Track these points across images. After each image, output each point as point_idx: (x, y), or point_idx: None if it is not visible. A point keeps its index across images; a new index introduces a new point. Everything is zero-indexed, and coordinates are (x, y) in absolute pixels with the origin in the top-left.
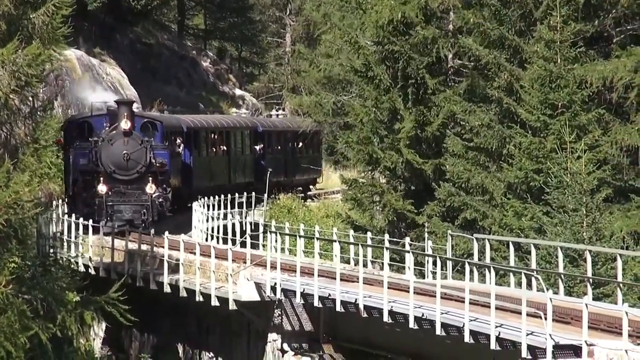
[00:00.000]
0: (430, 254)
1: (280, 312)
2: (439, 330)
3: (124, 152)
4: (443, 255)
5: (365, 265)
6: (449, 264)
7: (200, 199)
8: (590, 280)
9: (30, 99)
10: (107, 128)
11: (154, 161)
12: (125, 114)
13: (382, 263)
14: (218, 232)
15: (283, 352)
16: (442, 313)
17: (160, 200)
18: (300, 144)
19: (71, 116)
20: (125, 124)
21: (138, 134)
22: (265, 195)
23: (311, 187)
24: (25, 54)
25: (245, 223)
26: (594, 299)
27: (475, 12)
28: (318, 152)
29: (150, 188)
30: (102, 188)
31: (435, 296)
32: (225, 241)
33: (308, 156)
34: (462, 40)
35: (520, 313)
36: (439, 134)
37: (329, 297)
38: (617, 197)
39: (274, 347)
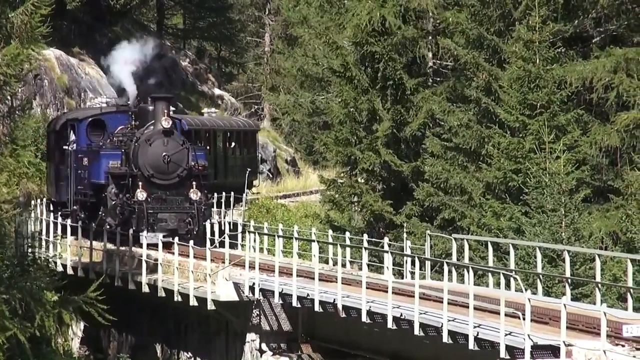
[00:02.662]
0: (408, 254)
1: (258, 312)
2: (417, 331)
3: (164, 153)
4: (421, 255)
5: (343, 266)
6: (428, 264)
7: None
8: (569, 280)
9: (9, 98)
10: (130, 126)
11: (195, 163)
12: (165, 110)
13: (361, 263)
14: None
15: (261, 352)
16: (421, 313)
17: (204, 207)
18: (233, 143)
19: (64, 113)
20: (165, 122)
21: (178, 133)
22: (245, 195)
23: (247, 191)
24: (3, 54)
25: (224, 223)
26: (572, 299)
27: (455, 12)
28: (254, 153)
29: (194, 194)
30: (141, 194)
31: (413, 296)
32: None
33: (242, 157)
34: (441, 41)
35: (498, 313)
36: (418, 134)
37: (308, 297)
38: (596, 198)
39: (253, 347)
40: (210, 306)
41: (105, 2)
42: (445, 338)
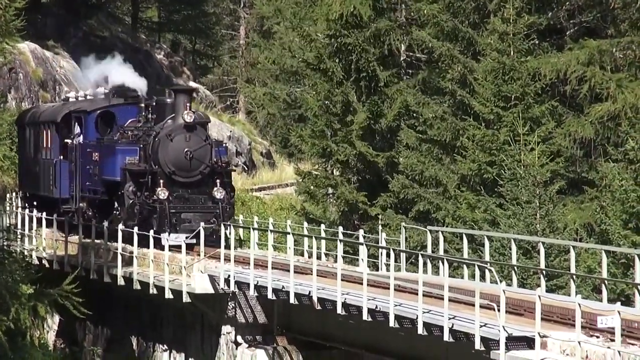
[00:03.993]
0: (383, 246)
1: (234, 305)
2: (392, 322)
3: (186, 149)
4: (396, 247)
5: (319, 258)
6: (403, 256)
7: None
8: (544, 272)
9: None
10: (143, 119)
11: (217, 160)
12: (187, 104)
13: (336, 255)
14: None
15: (237, 344)
16: (396, 305)
17: (229, 207)
18: None
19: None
20: (187, 116)
21: (200, 128)
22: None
23: None
24: None
25: None
26: (547, 291)
27: (428, 3)
28: None
29: (218, 192)
30: (162, 193)
31: (388, 288)
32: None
33: None
34: (415, 33)
35: (473, 305)
36: (393, 126)
37: (283, 289)
38: (571, 189)
39: (228, 339)
40: (186, 299)
41: None
42: (421, 330)
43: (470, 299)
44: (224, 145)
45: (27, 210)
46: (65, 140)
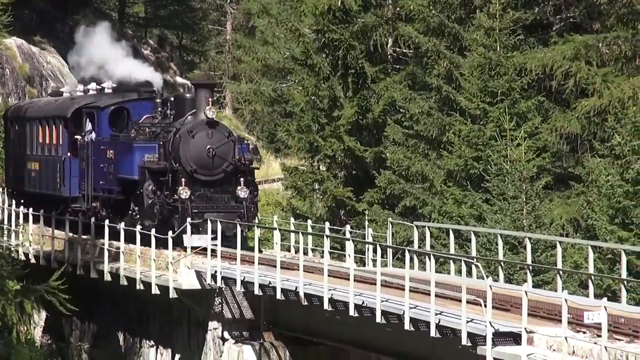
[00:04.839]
0: (370, 241)
1: (220, 300)
2: (379, 318)
3: (208, 146)
4: (383, 242)
5: (305, 253)
6: (389, 251)
7: None
8: (530, 267)
9: None
10: (159, 115)
11: (240, 157)
12: (209, 99)
13: (323, 251)
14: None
15: (224, 340)
16: (382, 301)
17: (253, 206)
18: None
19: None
20: (210, 112)
21: (222, 124)
22: None
23: None
24: None
25: None
26: (533, 286)
27: None
28: None
29: (242, 191)
30: (184, 192)
31: (375, 284)
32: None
33: None
34: (402, 28)
35: (460, 300)
36: (380, 121)
37: (270, 285)
38: (557, 185)
39: (215, 335)
40: (173, 294)
41: None
42: (407, 325)
43: (457, 295)
44: (246, 142)
45: (16, 207)
46: (75, 137)
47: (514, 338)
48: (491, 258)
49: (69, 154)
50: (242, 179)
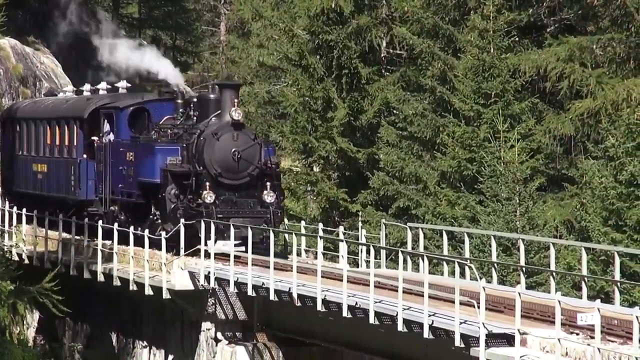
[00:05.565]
0: (363, 242)
1: (214, 301)
2: (372, 319)
3: (234, 149)
4: (376, 244)
5: (299, 254)
6: (383, 252)
7: None
8: (524, 269)
9: None
10: (181, 115)
11: (266, 160)
12: (235, 100)
13: (316, 252)
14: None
15: (217, 341)
16: (376, 302)
17: (279, 211)
18: None
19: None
20: (235, 114)
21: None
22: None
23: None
24: None
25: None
26: (527, 288)
27: (409, 0)
28: None
29: (269, 196)
30: (209, 196)
31: (368, 285)
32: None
33: None
34: (396, 30)
35: (453, 302)
36: (373, 122)
37: (263, 286)
38: (550, 186)
39: (208, 336)
40: (166, 295)
41: None
42: (400, 327)
43: (450, 296)
44: (271, 145)
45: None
46: (92, 138)
47: (507, 339)
48: (485, 259)
49: (84, 155)
50: (268, 183)
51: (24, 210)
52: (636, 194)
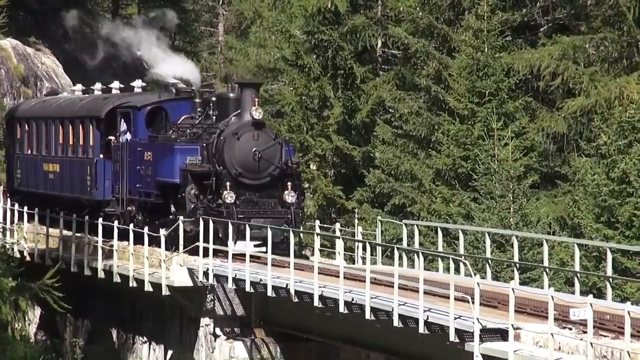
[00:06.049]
0: (360, 239)
1: (212, 297)
2: (368, 315)
3: (254, 149)
4: (372, 240)
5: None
6: (379, 249)
7: None
8: (517, 265)
9: None
10: (199, 115)
11: (287, 160)
12: (255, 99)
13: (313, 248)
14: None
15: (215, 336)
16: (372, 298)
17: (300, 212)
18: None
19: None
20: (256, 113)
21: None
22: None
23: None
24: None
25: None
26: (520, 284)
27: (405, 0)
28: None
29: (290, 196)
30: (229, 196)
31: (364, 281)
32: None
33: None
34: (391, 29)
35: (448, 297)
36: (369, 121)
37: (261, 282)
38: (544, 184)
39: (207, 331)
40: (165, 291)
41: None
42: (396, 322)
43: (445, 292)
44: (291, 145)
45: (9, 204)
46: (109, 138)
47: (501, 334)
48: (479, 256)
49: (101, 155)
50: (289, 183)
51: (36, 209)
52: (628, 191)
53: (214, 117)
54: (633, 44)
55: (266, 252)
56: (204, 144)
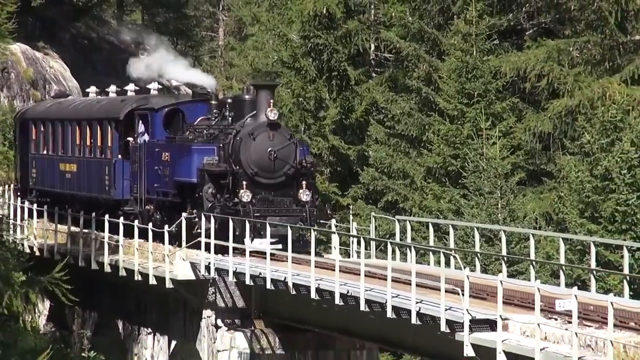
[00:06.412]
0: (354, 234)
1: (214, 290)
2: (363, 306)
3: (269, 149)
4: (367, 235)
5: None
6: (373, 244)
7: None
8: (505, 258)
9: None
10: (215, 116)
11: (301, 160)
12: (270, 100)
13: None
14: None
15: (217, 327)
16: (366, 290)
17: (315, 210)
18: None
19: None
20: (271, 114)
21: (284, 125)
22: None
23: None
24: None
25: None
26: (508, 276)
27: (397, 7)
28: None
29: (305, 194)
30: (246, 195)
31: (359, 274)
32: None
33: None
34: (383, 34)
35: (439, 290)
36: (363, 121)
37: (260, 275)
38: (530, 181)
39: (209, 323)
40: (169, 285)
41: None
42: (390, 313)
43: (436, 284)
44: (306, 145)
45: (18, 202)
46: (127, 139)
47: (490, 325)
48: (468, 250)
49: (119, 156)
50: (304, 182)
51: (45, 207)
52: (610, 188)
53: (230, 118)
54: (615, 46)
55: (281, 250)
56: (221, 145)
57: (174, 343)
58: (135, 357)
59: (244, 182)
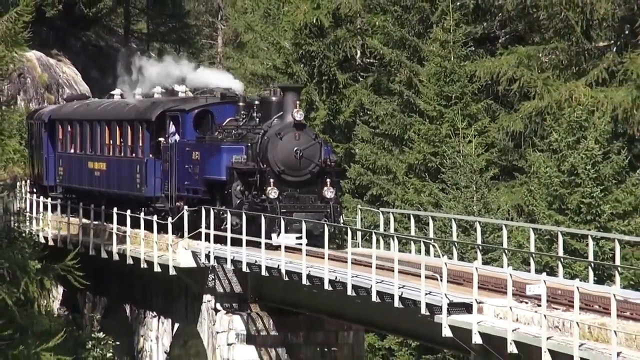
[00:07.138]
0: (342, 225)
1: (213, 277)
2: (350, 291)
3: (296, 148)
4: (353, 226)
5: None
6: (359, 234)
7: None
8: (480, 247)
9: None
10: (243, 117)
11: (326, 159)
12: (297, 101)
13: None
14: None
15: (216, 311)
16: (353, 276)
17: (338, 206)
18: None
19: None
20: (297, 115)
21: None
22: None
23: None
24: None
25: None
26: (483, 264)
27: (380, 16)
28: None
29: (329, 192)
30: (273, 192)
31: (346, 262)
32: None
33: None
34: (369, 41)
35: (419, 276)
36: (350, 122)
37: (256, 263)
38: (503, 176)
39: (209, 307)
40: (172, 272)
41: (79, 9)
42: (374, 297)
43: (417, 271)
44: (329, 145)
45: (34, 197)
46: (159, 139)
47: (466, 308)
48: (446, 239)
49: (151, 155)
50: (328, 180)
51: (58, 201)
52: (576, 182)
53: (257, 119)
54: (581, 52)
55: (307, 245)
56: (249, 144)
57: (177, 325)
58: (141, 338)
59: (271, 180)
